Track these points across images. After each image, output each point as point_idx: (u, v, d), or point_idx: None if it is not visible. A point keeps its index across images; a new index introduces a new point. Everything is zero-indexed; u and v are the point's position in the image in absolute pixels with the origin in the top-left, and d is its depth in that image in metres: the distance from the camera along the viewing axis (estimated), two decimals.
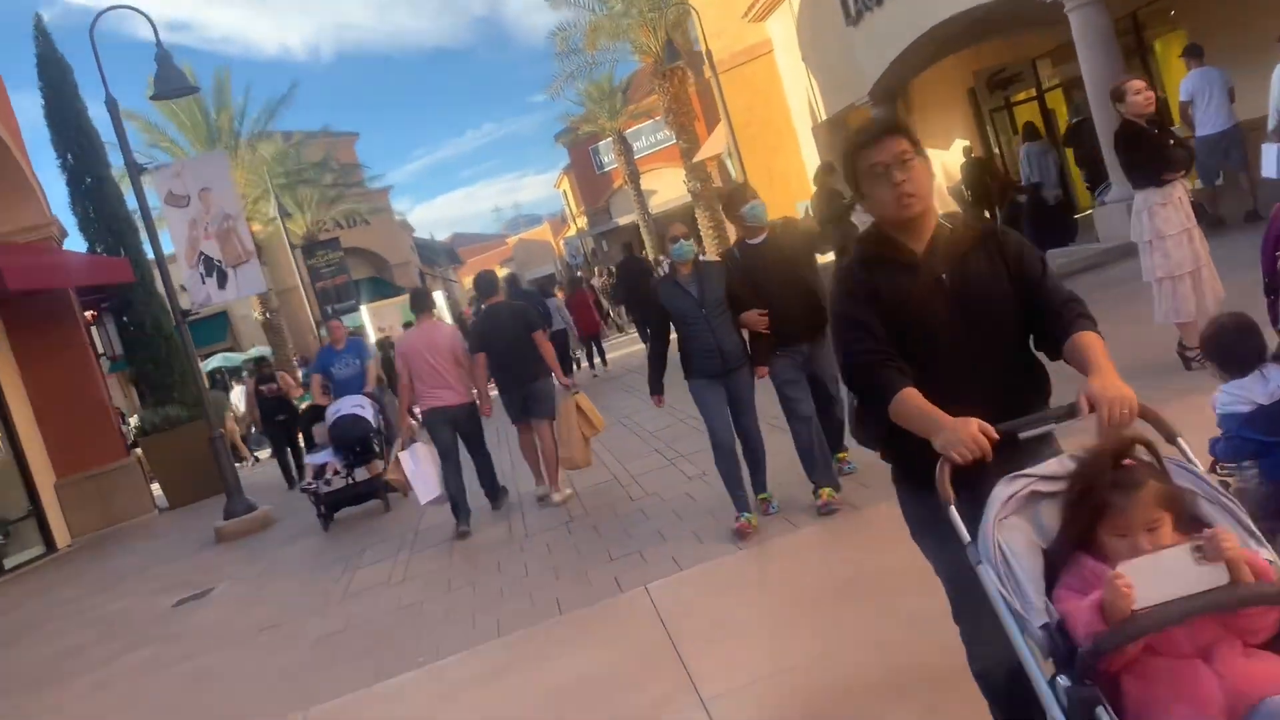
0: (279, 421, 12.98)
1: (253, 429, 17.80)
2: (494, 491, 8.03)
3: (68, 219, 15.77)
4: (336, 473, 9.21)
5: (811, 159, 18.98)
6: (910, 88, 17.49)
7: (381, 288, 40.21)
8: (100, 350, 15.43)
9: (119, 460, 14.41)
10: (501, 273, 69.07)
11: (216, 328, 33.53)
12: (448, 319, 35.15)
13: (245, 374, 28.04)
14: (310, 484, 9.19)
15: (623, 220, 41.45)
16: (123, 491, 14.31)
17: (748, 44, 19.37)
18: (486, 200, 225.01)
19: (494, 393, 7.96)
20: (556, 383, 7.65)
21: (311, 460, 9.45)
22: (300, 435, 12.22)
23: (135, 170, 10.24)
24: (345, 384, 9.67)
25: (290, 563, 8.34)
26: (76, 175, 15.17)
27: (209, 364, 31.74)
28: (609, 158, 40.50)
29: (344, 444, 9.13)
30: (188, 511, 13.92)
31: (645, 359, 6.31)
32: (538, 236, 68.77)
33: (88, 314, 15.33)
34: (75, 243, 19.35)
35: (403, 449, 7.86)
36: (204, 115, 26.22)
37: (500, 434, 10.25)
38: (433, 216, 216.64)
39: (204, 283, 10.79)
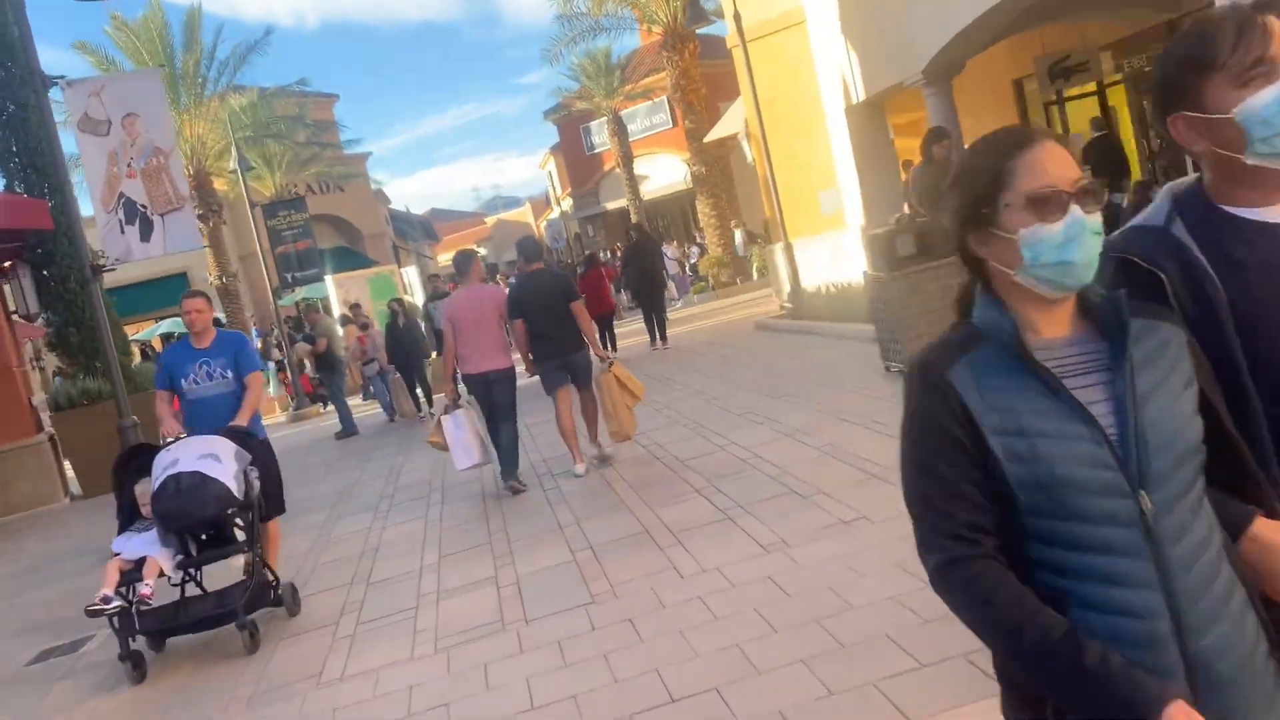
0: None
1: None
2: (513, 467, 7.60)
3: None
4: (164, 576, 5.22)
5: (841, 144, 16.99)
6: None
7: (352, 258, 37.91)
8: (12, 308, 13.18)
9: (25, 438, 12.22)
10: (478, 252, 67.22)
11: (173, 289, 31.03)
12: (419, 297, 32.98)
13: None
14: (107, 602, 4.98)
15: (611, 205, 39.40)
16: (28, 475, 12.14)
17: (778, 12, 17.36)
18: (466, 179, 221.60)
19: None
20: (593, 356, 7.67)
21: (122, 550, 5.25)
22: None
23: (42, 80, 8.07)
24: (204, 409, 5.77)
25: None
26: None
27: (157, 329, 29.35)
28: (601, 138, 38.41)
29: (179, 525, 5.25)
30: (105, 501, 11.74)
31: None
32: (518, 218, 66.81)
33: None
34: None
35: (446, 413, 7.65)
36: (169, 55, 23.83)
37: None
38: (410, 192, 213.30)
39: (123, 232, 8.68)
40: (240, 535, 5.44)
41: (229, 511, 5.31)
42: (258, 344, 23.58)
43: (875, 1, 14.67)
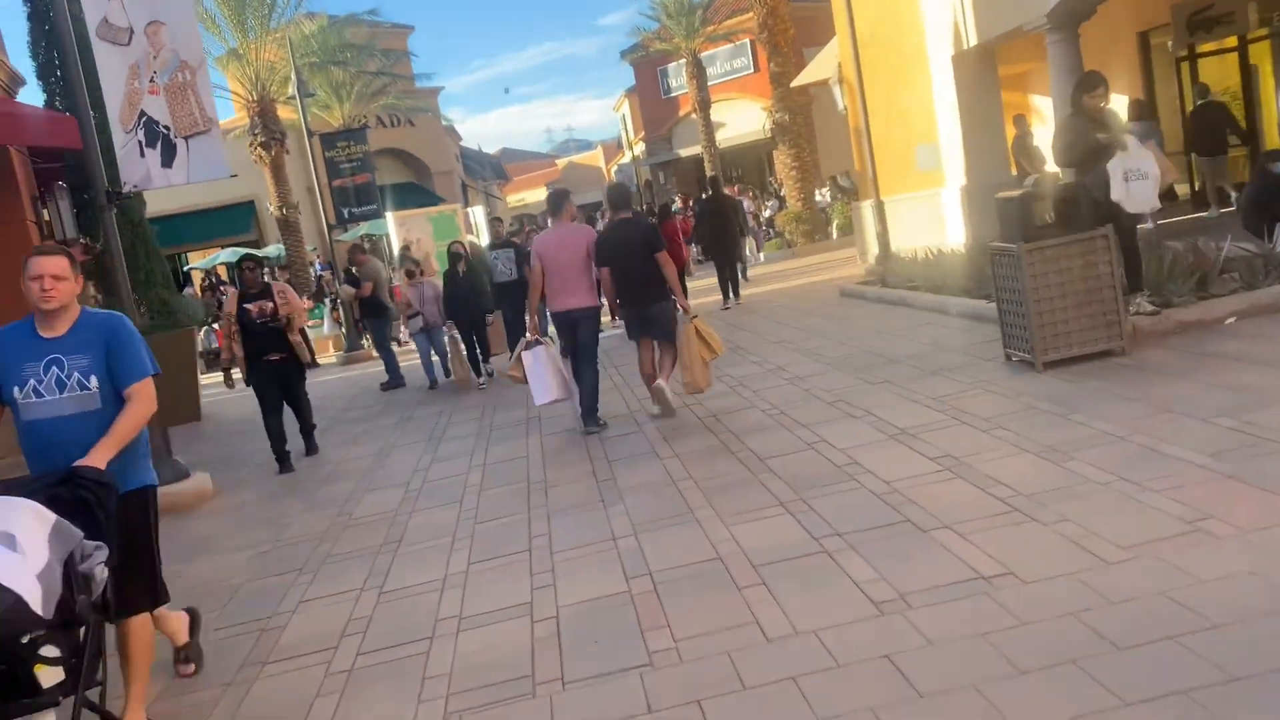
0: (269, 364, 8.46)
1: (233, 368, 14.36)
2: (593, 410, 7.73)
3: (26, 66, 12.74)
4: None
5: (945, 95, 15.46)
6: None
7: (419, 195, 37.06)
8: (48, 233, 12.41)
9: None
10: (543, 195, 66.25)
11: (239, 218, 30.50)
12: (484, 239, 32.08)
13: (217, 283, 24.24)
14: None
15: (684, 152, 37.93)
16: None
17: None
18: (540, 120, 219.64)
19: None
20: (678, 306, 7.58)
21: None
22: (301, 393, 8.93)
23: None
24: (51, 436, 3.64)
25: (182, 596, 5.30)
26: (39, 11, 12.11)
27: (218, 257, 28.79)
28: (678, 81, 36.85)
29: None
30: None
31: None
32: (589, 161, 65.61)
33: (36, 188, 12.30)
34: (33, 94, 16.24)
35: (527, 348, 7.77)
36: None
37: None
38: (484, 131, 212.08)
39: (142, 155, 7.71)
40: (49, 675, 3.14)
41: (23, 640, 3.08)
42: (324, 277, 22.71)
43: None
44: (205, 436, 11.70)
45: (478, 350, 11.48)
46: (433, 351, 12.04)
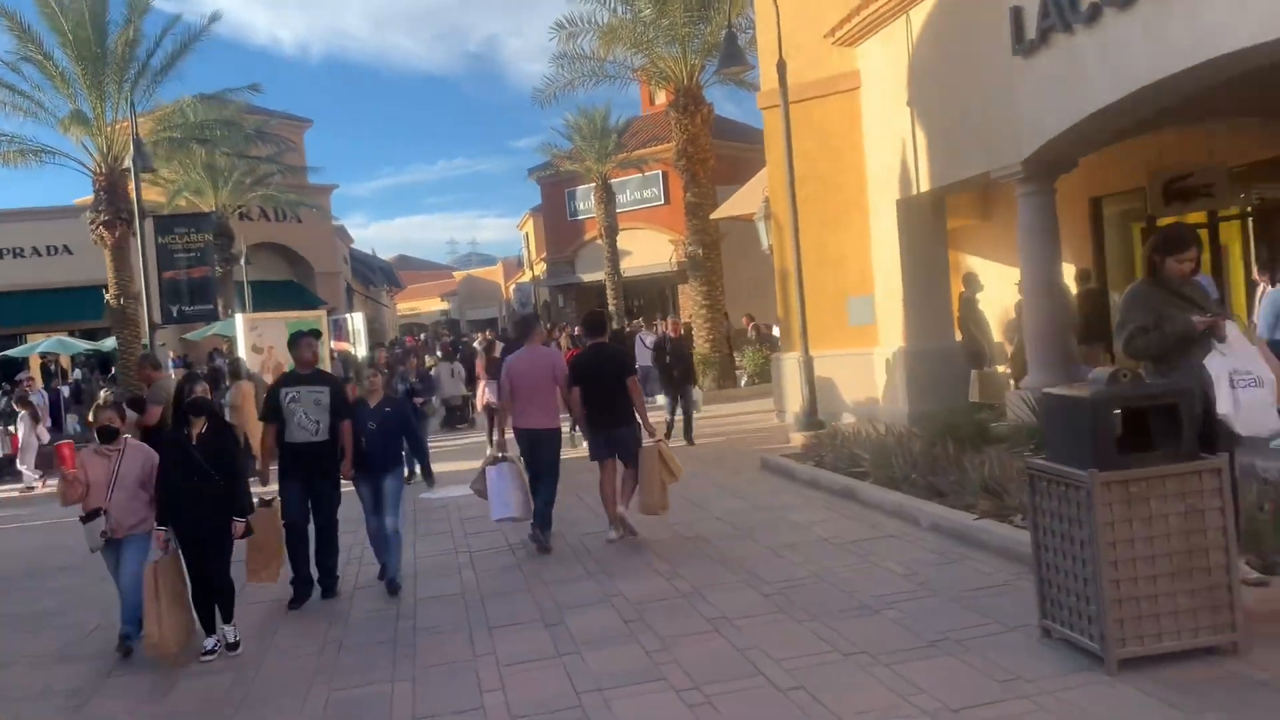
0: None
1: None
2: (545, 527, 7.95)
3: None
4: None
5: (886, 243, 13.64)
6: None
7: (297, 295, 34.12)
8: None
9: None
10: (440, 306, 63.16)
11: (88, 302, 26.61)
12: (361, 350, 29.19)
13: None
14: None
15: (587, 277, 36.03)
16: None
17: (824, 74, 14.17)
18: (444, 232, 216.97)
19: None
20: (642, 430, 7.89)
21: None
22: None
23: None
24: None
25: None
26: None
27: (36, 346, 25.01)
28: (586, 205, 35.21)
29: None
30: None
31: None
32: (488, 276, 63.71)
33: None
34: None
35: (492, 464, 7.93)
36: (98, 31, 20.21)
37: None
38: (387, 236, 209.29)
39: None
40: None
41: None
42: (174, 376, 19.20)
43: (967, 66, 11.45)
44: None
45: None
46: None
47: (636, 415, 7.90)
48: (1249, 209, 13.01)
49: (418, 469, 12.26)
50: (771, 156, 14.57)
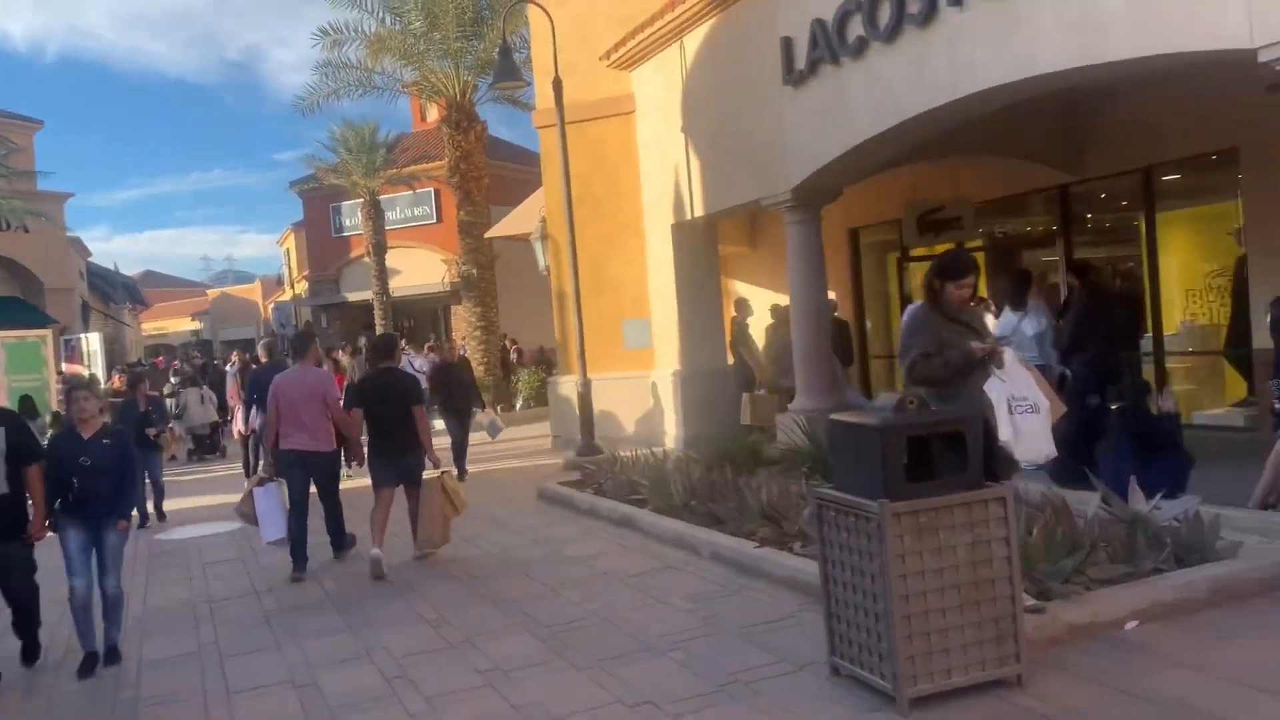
0: None
1: None
2: (340, 540, 8.24)
3: None
4: None
5: (662, 267, 13.61)
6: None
7: (23, 312, 30.74)
8: None
9: None
10: (191, 325, 58.81)
11: None
12: (99, 369, 26.53)
13: None
14: None
15: (353, 296, 34.46)
16: None
17: (600, 96, 14.03)
18: (198, 247, 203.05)
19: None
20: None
21: None
22: None
23: None
24: None
25: None
26: None
27: None
28: (353, 221, 33.70)
29: None
30: None
31: None
32: (245, 294, 59.98)
33: None
34: None
35: (259, 485, 7.89)
36: None
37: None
38: (135, 251, 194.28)
39: None
40: None
41: None
42: None
43: (740, 96, 11.57)
44: None
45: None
46: None
47: (422, 444, 7.79)
48: (989, 245, 13.87)
49: (150, 507, 11.05)
50: (548, 176, 14.27)
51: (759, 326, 14.38)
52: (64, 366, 25.01)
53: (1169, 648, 4.56)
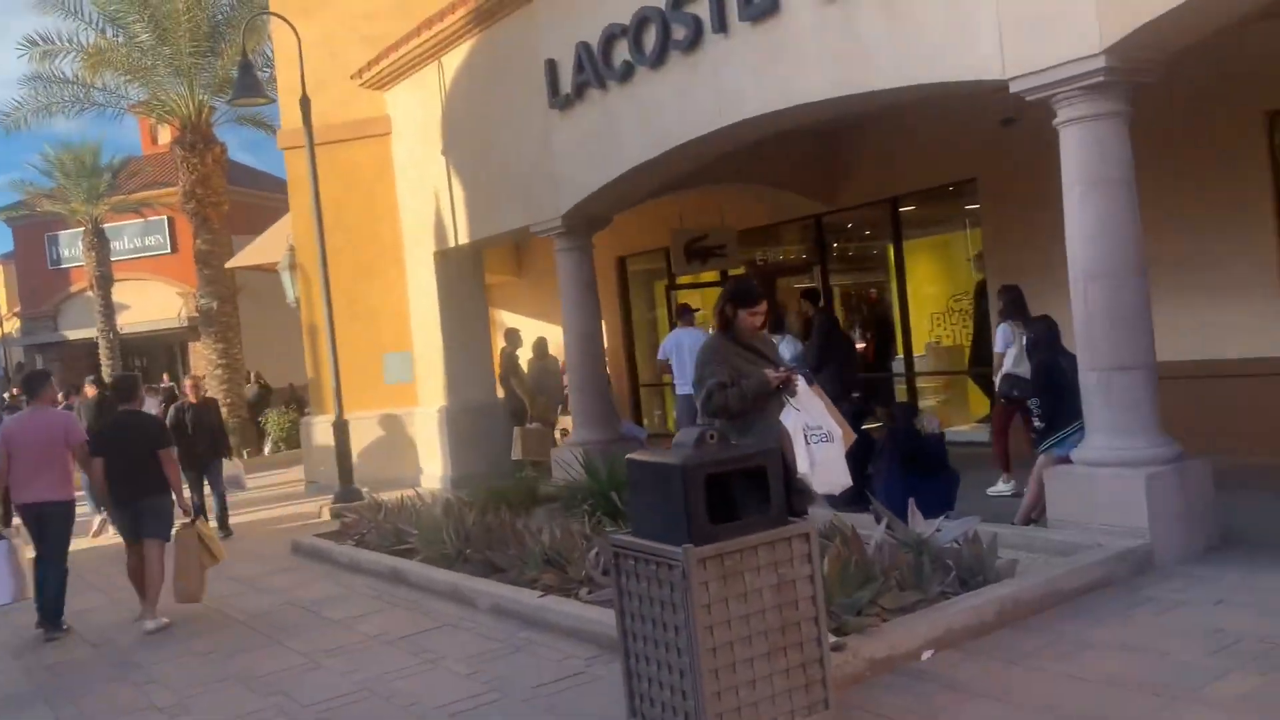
0: None
1: None
2: (54, 614, 7.18)
3: None
4: None
5: (424, 297, 12.97)
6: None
7: None
8: None
9: None
10: None
11: None
12: None
13: None
14: None
15: (74, 334, 31.28)
16: None
17: (352, 117, 13.21)
18: None
19: None
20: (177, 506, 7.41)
21: None
22: None
23: None
24: None
25: None
26: None
27: None
28: (72, 251, 30.67)
29: None
30: None
31: None
32: None
33: None
34: None
35: None
36: None
37: None
38: None
39: None
40: None
41: None
42: None
43: (502, 119, 11.17)
44: None
45: None
46: None
47: (171, 491, 7.33)
48: (750, 269, 14.16)
49: None
50: (296, 201, 13.30)
51: (530, 358, 13.99)
52: None
53: (967, 677, 4.50)
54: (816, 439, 4.47)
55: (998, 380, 8.23)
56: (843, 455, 4.59)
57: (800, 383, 4.62)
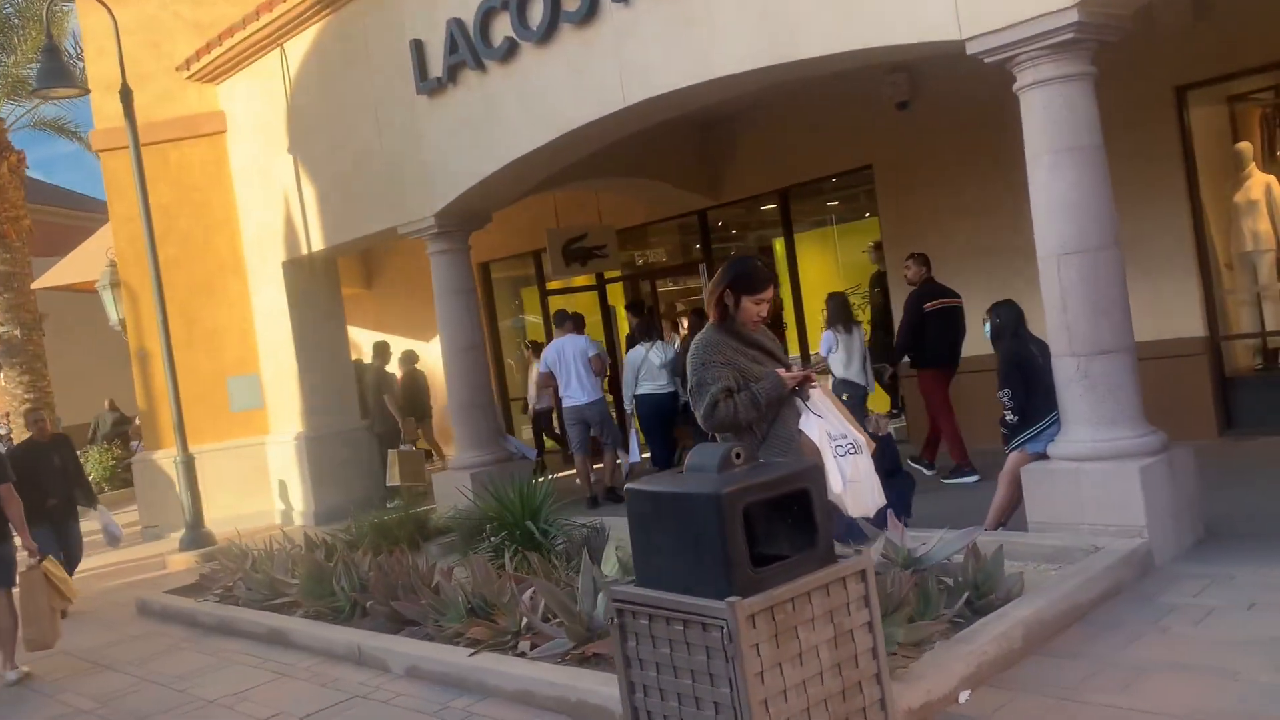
0: None
1: None
2: None
3: None
4: None
5: (272, 309, 11.60)
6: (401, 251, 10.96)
7: None
8: None
9: None
10: None
11: None
12: None
13: None
14: None
15: None
16: None
17: (179, 113, 11.67)
18: None
19: None
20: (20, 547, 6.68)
21: None
22: None
23: None
24: None
25: None
26: None
27: None
28: None
29: None
30: None
31: None
32: None
33: None
34: None
35: None
36: None
37: None
38: None
39: None
40: None
41: None
42: None
43: (360, 110, 9.99)
44: None
45: None
46: None
47: (14, 530, 6.67)
48: (628, 273, 13.40)
49: None
50: (117, 210, 11.67)
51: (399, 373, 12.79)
52: None
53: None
54: (843, 451, 3.70)
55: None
56: (874, 470, 3.84)
57: (815, 391, 3.84)
